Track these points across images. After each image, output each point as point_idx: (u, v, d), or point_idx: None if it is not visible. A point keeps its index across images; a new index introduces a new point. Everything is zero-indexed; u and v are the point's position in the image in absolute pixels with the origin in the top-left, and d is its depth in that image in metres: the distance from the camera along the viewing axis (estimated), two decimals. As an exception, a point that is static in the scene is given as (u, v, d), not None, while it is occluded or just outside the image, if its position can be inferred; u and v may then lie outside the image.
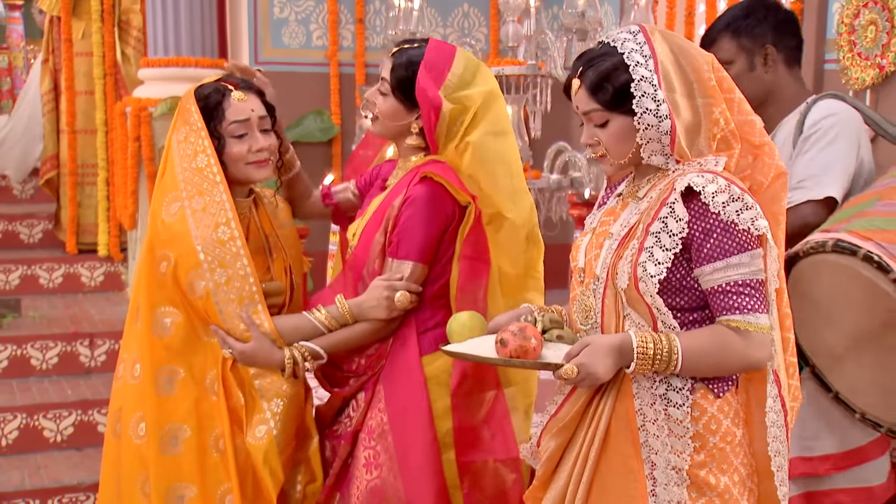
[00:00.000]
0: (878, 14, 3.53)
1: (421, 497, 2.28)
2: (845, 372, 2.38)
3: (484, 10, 5.65)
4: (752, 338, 1.80)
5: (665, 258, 1.80)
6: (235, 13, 5.46)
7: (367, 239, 2.36)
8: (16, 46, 9.86)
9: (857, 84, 3.63)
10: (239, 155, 2.32)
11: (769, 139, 1.91)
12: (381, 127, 2.40)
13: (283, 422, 2.32)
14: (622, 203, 1.97)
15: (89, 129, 5.90)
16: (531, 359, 1.86)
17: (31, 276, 5.58)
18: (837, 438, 2.53)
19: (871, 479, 2.59)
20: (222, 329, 2.28)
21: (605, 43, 1.89)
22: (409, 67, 2.30)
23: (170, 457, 2.29)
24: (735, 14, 2.75)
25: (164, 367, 2.30)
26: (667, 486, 1.83)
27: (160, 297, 2.30)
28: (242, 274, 2.25)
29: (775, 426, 1.87)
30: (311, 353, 2.32)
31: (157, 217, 2.31)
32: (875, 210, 2.38)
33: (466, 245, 2.30)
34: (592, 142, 1.92)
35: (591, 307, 1.92)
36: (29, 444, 4.30)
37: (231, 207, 2.27)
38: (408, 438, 2.30)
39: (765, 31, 2.68)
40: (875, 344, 2.30)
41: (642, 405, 1.86)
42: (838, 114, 2.60)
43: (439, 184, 2.28)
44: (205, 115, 2.30)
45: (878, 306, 2.24)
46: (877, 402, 2.37)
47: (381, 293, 2.28)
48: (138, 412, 2.32)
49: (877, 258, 2.21)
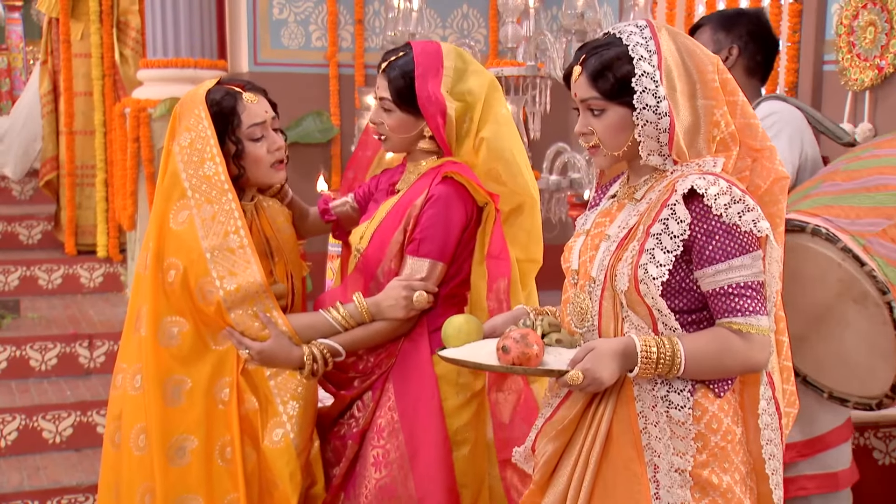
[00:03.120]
0: (877, 15, 3.53)
1: (431, 495, 2.28)
2: (809, 352, 2.44)
3: (483, 11, 5.65)
4: (754, 340, 1.79)
5: (666, 260, 1.79)
6: (235, 14, 5.46)
7: (382, 239, 2.36)
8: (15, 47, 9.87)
9: (856, 85, 3.63)
10: (260, 156, 2.31)
11: (770, 143, 1.92)
12: (392, 143, 2.40)
13: (300, 425, 2.30)
14: (618, 204, 1.96)
15: (88, 131, 5.90)
16: (533, 366, 1.85)
17: (31, 277, 5.57)
18: (801, 427, 2.62)
19: (834, 465, 2.71)
20: (237, 331, 2.26)
21: (611, 34, 1.88)
22: (405, 76, 2.31)
23: (177, 468, 2.26)
24: (726, 11, 2.94)
25: (171, 378, 2.27)
26: (671, 489, 1.83)
27: (167, 307, 2.27)
28: (252, 280, 2.24)
29: (769, 429, 1.86)
30: (330, 350, 2.31)
31: (164, 225, 2.28)
32: (820, 191, 2.48)
33: (493, 245, 2.32)
34: (586, 131, 1.90)
35: (587, 309, 1.91)
36: (28, 445, 4.29)
37: (240, 215, 2.25)
38: (419, 436, 2.30)
39: (739, 34, 2.81)
40: (831, 317, 2.36)
41: (644, 408, 1.85)
42: (779, 112, 2.72)
43: (461, 184, 2.30)
44: (218, 120, 2.28)
45: (830, 278, 2.31)
46: (840, 376, 2.44)
47: (400, 293, 2.28)
48: (139, 423, 2.30)
49: (824, 230, 2.31)
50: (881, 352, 2.34)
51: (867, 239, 2.34)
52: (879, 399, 2.41)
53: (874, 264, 2.30)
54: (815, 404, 2.58)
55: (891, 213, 2.36)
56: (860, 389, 2.43)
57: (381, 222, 2.38)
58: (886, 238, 2.33)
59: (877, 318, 2.31)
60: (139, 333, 2.31)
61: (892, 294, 2.28)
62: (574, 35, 3.88)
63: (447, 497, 2.30)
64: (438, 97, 2.29)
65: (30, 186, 6.51)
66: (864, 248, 2.33)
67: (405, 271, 2.32)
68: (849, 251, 2.30)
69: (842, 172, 2.52)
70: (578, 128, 1.92)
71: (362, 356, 2.39)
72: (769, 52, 2.87)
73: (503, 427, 2.30)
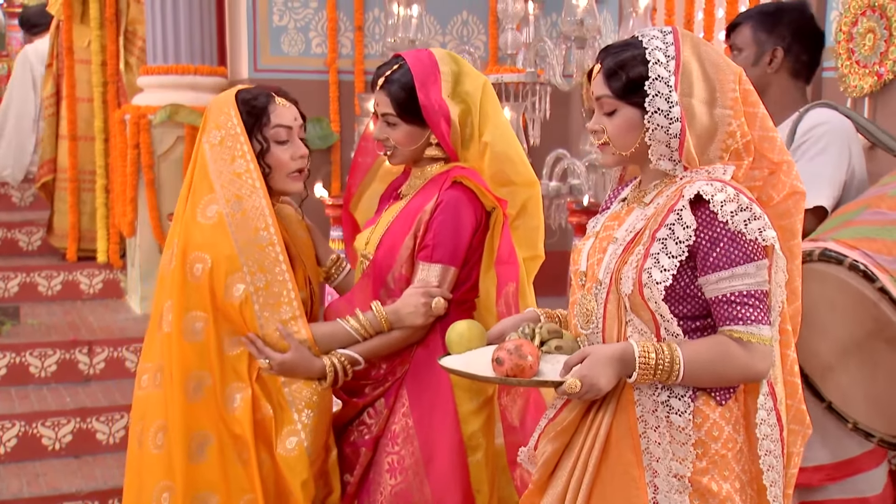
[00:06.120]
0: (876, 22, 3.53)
1: (447, 501, 2.29)
2: (837, 382, 2.38)
3: (483, 17, 5.65)
4: (755, 349, 1.79)
5: (671, 265, 1.79)
6: (235, 21, 5.47)
7: (391, 245, 2.36)
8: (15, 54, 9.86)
9: (855, 92, 3.63)
10: (283, 161, 2.32)
11: (790, 158, 1.90)
12: (401, 156, 2.40)
13: (314, 433, 2.29)
14: (627, 208, 1.96)
15: (87, 136, 5.90)
16: (528, 377, 1.85)
17: (30, 284, 5.57)
18: (831, 449, 2.52)
19: (865, 491, 2.57)
20: (259, 337, 2.26)
21: (635, 36, 1.90)
22: (405, 89, 2.32)
23: (196, 465, 2.26)
24: (765, 7, 2.77)
25: (193, 373, 2.26)
26: (668, 494, 1.82)
27: (192, 301, 2.26)
28: (281, 279, 2.25)
29: (768, 439, 1.85)
30: (350, 360, 2.31)
31: (192, 220, 2.28)
32: (863, 219, 2.38)
33: (502, 249, 2.32)
34: (597, 128, 1.92)
35: (592, 312, 1.91)
36: (27, 451, 4.29)
37: (270, 213, 2.26)
38: (434, 442, 2.31)
39: (783, 34, 2.69)
40: (862, 353, 2.30)
41: (644, 412, 1.85)
42: (829, 122, 2.61)
43: (469, 189, 2.31)
44: (249, 118, 2.30)
45: (863, 315, 2.25)
46: (867, 412, 2.37)
47: (419, 299, 2.28)
48: (158, 420, 2.29)
49: (862, 267, 2.22)
50: None
51: None
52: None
53: None
54: (844, 427, 2.46)
55: None
56: (887, 428, 2.36)
57: (388, 228, 2.38)
58: None
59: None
60: (162, 331, 2.31)
61: None
62: (573, 42, 3.88)
63: (463, 502, 2.30)
64: (441, 103, 2.30)
65: (29, 193, 6.51)
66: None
67: (418, 277, 2.32)
68: (886, 292, 2.22)
69: (889, 199, 2.41)
70: (591, 125, 1.94)
71: (376, 363, 2.38)
72: (815, 49, 2.74)
73: (513, 430, 2.30)
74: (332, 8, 5.35)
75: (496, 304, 2.33)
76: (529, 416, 2.29)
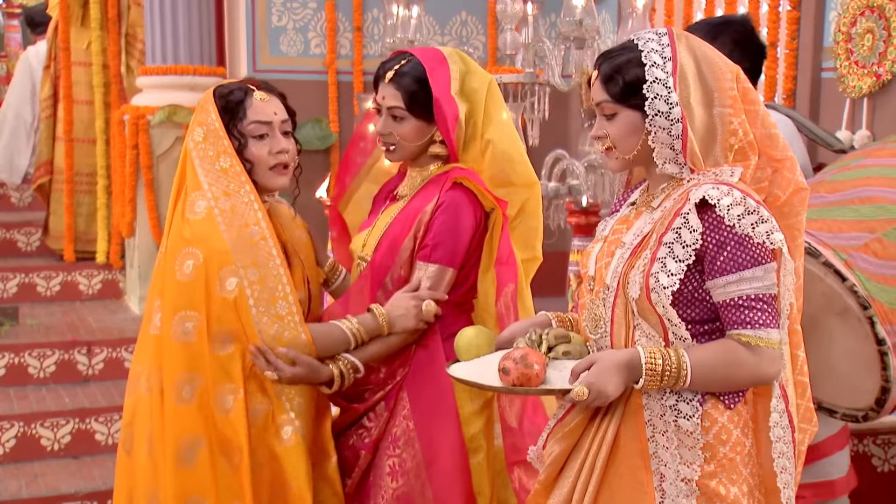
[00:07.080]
0: (874, 22, 3.54)
1: (449, 502, 2.28)
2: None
3: (482, 18, 5.66)
4: (763, 353, 1.78)
5: (678, 269, 1.78)
6: (234, 21, 5.47)
7: (391, 246, 2.34)
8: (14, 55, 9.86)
9: (854, 92, 3.64)
10: (260, 156, 2.27)
11: (791, 154, 1.90)
12: (404, 152, 2.36)
13: (306, 416, 2.28)
14: (636, 212, 1.96)
15: (86, 138, 5.90)
16: (534, 385, 1.84)
17: (29, 284, 5.57)
18: None
19: (831, 474, 2.72)
20: (255, 333, 2.20)
21: (630, 39, 1.90)
22: (417, 82, 2.29)
23: (186, 468, 2.21)
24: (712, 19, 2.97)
25: (184, 374, 2.21)
26: (676, 498, 1.82)
27: (182, 301, 2.21)
28: (276, 274, 2.21)
29: (781, 441, 1.84)
30: (352, 366, 2.30)
31: (180, 217, 2.24)
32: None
33: (501, 251, 2.32)
34: (600, 134, 1.91)
35: (600, 316, 1.91)
36: (26, 452, 4.27)
37: (260, 207, 2.22)
38: (436, 444, 2.30)
39: (725, 42, 2.78)
40: (817, 330, 2.36)
41: (652, 416, 1.85)
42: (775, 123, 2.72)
43: (469, 189, 2.31)
44: (225, 113, 2.26)
45: (813, 292, 2.28)
46: (827, 388, 2.43)
47: (409, 302, 2.27)
48: (148, 426, 2.25)
49: (806, 245, 2.26)
50: (865, 366, 2.34)
51: (849, 253, 2.34)
52: (865, 412, 2.41)
53: (855, 279, 2.31)
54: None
55: (873, 227, 2.36)
56: (847, 402, 2.44)
57: (387, 229, 2.37)
58: (868, 252, 2.34)
59: (859, 333, 2.32)
60: (151, 332, 2.27)
61: (874, 309, 2.28)
62: (572, 42, 3.89)
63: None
64: (450, 100, 2.29)
65: (28, 193, 6.52)
66: (846, 262, 2.33)
67: (416, 277, 2.31)
68: (830, 266, 2.30)
69: (827, 184, 2.51)
70: (594, 132, 1.94)
71: (375, 367, 2.37)
72: (756, 58, 2.86)
73: (512, 432, 2.30)
74: (331, 8, 5.36)
75: (495, 304, 2.32)
76: (527, 418, 2.29)
